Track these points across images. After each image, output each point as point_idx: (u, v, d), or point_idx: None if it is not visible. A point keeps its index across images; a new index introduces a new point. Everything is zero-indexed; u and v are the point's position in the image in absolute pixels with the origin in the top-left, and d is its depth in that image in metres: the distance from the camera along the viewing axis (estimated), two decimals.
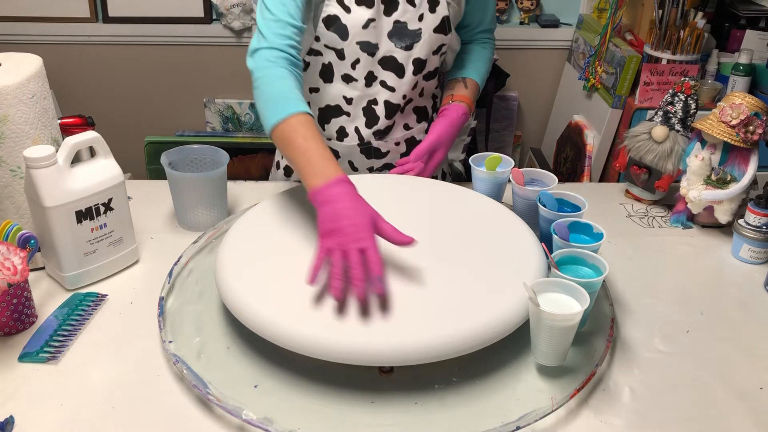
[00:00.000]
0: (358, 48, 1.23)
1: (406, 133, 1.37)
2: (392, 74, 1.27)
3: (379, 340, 0.83)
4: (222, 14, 2.38)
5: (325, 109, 1.33)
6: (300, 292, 0.91)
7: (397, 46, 1.24)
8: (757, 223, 1.18)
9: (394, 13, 1.23)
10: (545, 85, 2.58)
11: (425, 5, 1.24)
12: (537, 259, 0.99)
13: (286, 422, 0.82)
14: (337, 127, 1.33)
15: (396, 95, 1.29)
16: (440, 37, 1.27)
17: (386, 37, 1.24)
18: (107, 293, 1.07)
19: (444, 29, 1.27)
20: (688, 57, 1.96)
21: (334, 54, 1.25)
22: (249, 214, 1.11)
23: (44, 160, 0.98)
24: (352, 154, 1.36)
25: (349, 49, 1.23)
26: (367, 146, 1.35)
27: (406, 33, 1.24)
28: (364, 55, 1.24)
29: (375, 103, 1.30)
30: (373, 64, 1.26)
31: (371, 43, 1.23)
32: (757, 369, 0.95)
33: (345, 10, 1.20)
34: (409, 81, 1.28)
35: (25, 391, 0.88)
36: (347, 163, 1.38)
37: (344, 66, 1.26)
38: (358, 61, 1.25)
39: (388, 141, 1.36)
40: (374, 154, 1.37)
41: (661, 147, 1.31)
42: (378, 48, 1.24)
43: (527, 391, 0.88)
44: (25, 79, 1.01)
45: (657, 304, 1.08)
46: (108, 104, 2.56)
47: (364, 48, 1.23)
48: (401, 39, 1.24)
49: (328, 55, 1.26)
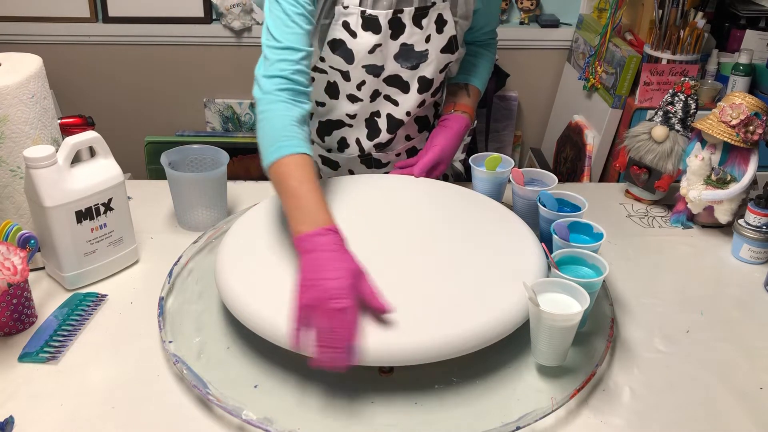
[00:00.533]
0: (363, 71, 1.21)
1: (407, 144, 1.36)
2: (396, 90, 1.25)
3: (379, 340, 0.83)
4: (222, 14, 2.38)
5: (327, 123, 1.31)
6: None
7: (403, 67, 1.22)
8: (757, 223, 1.18)
9: (400, 37, 1.19)
10: (545, 85, 2.58)
11: (432, 27, 1.20)
12: (537, 259, 0.99)
13: (286, 422, 0.82)
14: (339, 138, 1.32)
15: (400, 110, 1.27)
16: (447, 57, 1.25)
17: (392, 59, 1.21)
18: (107, 293, 1.07)
19: (451, 49, 1.24)
20: (688, 57, 1.96)
21: (339, 75, 1.23)
22: (249, 214, 1.11)
23: (44, 160, 0.98)
24: (352, 164, 1.36)
25: (355, 73, 1.21)
26: (368, 157, 1.34)
27: (412, 54, 1.21)
28: (370, 77, 1.22)
29: (378, 116, 1.28)
30: (378, 83, 1.24)
31: (377, 65, 1.21)
32: (757, 369, 0.95)
33: (351, 35, 1.16)
34: (414, 98, 1.26)
35: (25, 391, 0.88)
36: (347, 172, 1.37)
37: (350, 87, 1.24)
38: (364, 82, 1.23)
39: (388, 153, 1.35)
40: (374, 165, 1.36)
41: (661, 147, 1.31)
42: (383, 69, 1.22)
43: (527, 391, 0.88)
44: (25, 79, 1.01)
45: (657, 304, 1.08)
46: (108, 104, 2.56)
47: (369, 71, 1.21)
48: (407, 60, 1.22)
49: (333, 74, 1.24)
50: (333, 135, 1.32)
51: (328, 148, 1.35)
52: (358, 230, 1.06)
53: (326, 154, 1.36)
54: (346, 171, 1.37)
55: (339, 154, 1.34)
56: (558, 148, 2.43)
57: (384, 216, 1.11)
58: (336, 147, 1.33)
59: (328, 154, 1.36)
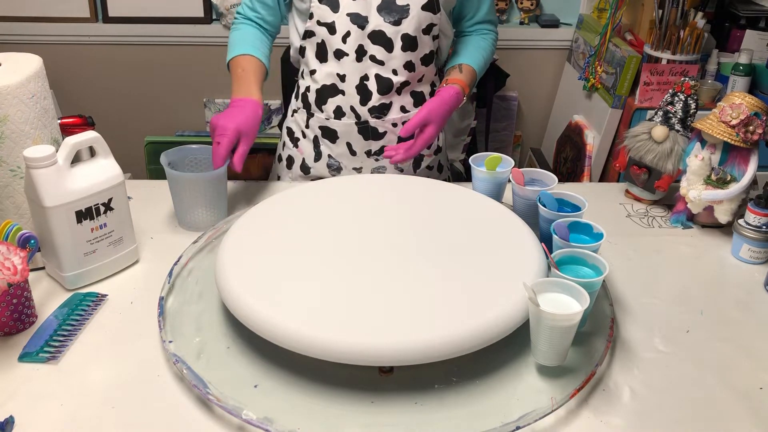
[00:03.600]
0: (348, 20, 1.29)
1: (403, 116, 1.39)
2: (381, 49, 1.32)
3: (379, 340, 0.83)
4: (222, 14, 2.38)
5: (322, 90, 1.38)
6: (300, 292, 0.91)
7: (385, 21, 1.30)
8: (757, 223, 1.18)
9: None
10: (545, 85, 2.58)
11: None
12: (537, 259, 0.99)
13: (286, 422, 0.82)
14: (334, 107, 1.38)
15: (386, 69, 1.33)
16: (429, 16, 1.32)
17: (375, 10, 1.29)
18: (107, 293, 1.07)
19: (432, 8, 1.31)
20: (688, 57, 1.97)
21: (325, 30, 1.31)
22: (249, 214, 1.11)
23: (44, 160, 0.98)
24: (350, 134, 1.39)
25: (340, 21, 1.30)
26: (364, 125, 1.38)
27: (394, 8, 1.30)
28: (354, 28, 1.30)
29: (366, 79, 1.34)
30: (362, 38, 1.31)
31: (360, 15, 1.29)
32: (757, 369, 0.95)
33: None
34: (399, 56, 1.33)
35: (25, 391, 0.88)
36: (345, 145, 1.41)
37: (336, 41, 1.31)
38: (349, 33, 1.31)
39: (385, 121, 1.38)
40: (372, 135, 1.39)
41: (661, 147, 1.31)
42: (368, 21, 1.30)
43: (527, 391, 0.88)
44: (25, 79, 1.01)
45: (657, 304, 1.08)
46: (108, 104, 2.56)
47: (354, 20, 1.29)
48: (389, 14, 1.30)
49: (320, 32, 1.32)
50: (329, 103, 1.38)
51: (327, 117, 1.40)
52: (359, 230, 1.06)
53: (325, 123, 1.41)
54: (344, 142, 1.40)
55: (337, 121, 1.39)
56: (558, 148, 2.43)
57: (384, 216, 1.11)
58: (333, 115, 1.39)
59: (326, 122, 1.40)
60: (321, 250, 1.01)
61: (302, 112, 1.43)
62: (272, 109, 2.56)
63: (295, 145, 1.47)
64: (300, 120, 1.45)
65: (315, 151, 1.44)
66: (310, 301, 0.90)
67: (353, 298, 0.91)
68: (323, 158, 1.43)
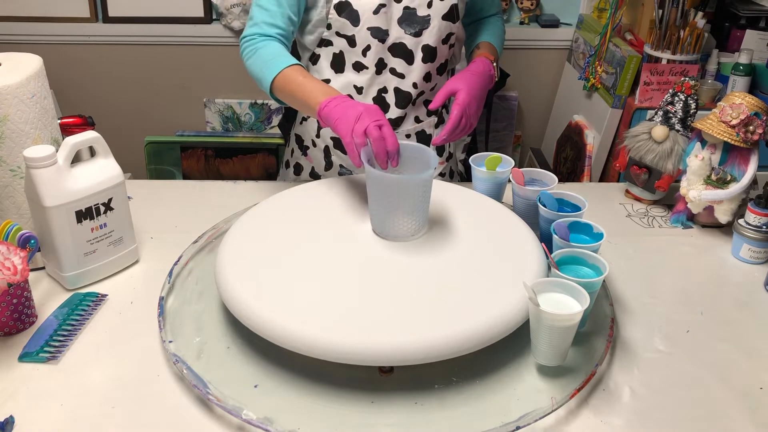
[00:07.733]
0: (369, 34, 1.25)
1: (416, 126, 1.37)
2: (402, 61, 1.29)
3: (379, 340, 0.84)
4: (222, 14, 2.38)
5: None
6: (300, 292, 0.91)
7: (406, 33, 1.27)
8: (757, 223, 1.18)
9: (403, 0, 1.25)
10: (545, 85, 2.58)
11: None
12: (537, 259, 0.99)
13: (286, 422, 0.82)
14: None
15: (406, 82, 1.31)
16: (449, 25, 1.29)
17: (396, 23, 1.26)
18: (107, 293, 1.07)
19: (452, 17, 1.29)
20: (688, 57, 1.96)
21: (345, 42, 1.27)
22: (249, 214, 1.11)
23: (44, 160, 0.98)
24: None
25: (360, 35, 1.26)
26: None
27: (415, 19, 1.26)
28: (375, 42, 1.26)
29: (385, 92, 1.32)
30: (383, 51, 1.28)
31: (381, 29, 1.25)
32: (757, 369, 0.95)
33: None
34: (419, 68, 1.30)
35: (25, 391, 0.88)
36: None
37: (355, 54, 1.28)
38: (369, 47, 1.27)
39: (399, 132, 1.36)
40: None
41: (661, 147, 1.31)
42: (388, 35, 1.26)
43: (527, 391, 0.88)
44: (25, 79, 1.01)
45: (657, 304, 1.08)
46: (108, 104, 2.56)
47: (374, 34, 1.26)
48: (410, 25, 1.27)
49: (338, 43, 1.28)
50: None
51: None
52: (359, 230, 1.06)
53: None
54: None
55: None
56: (558, 148, 2.43)
57: None
58: None
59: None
60: (321, 250, 1.01)
61: (312, 121, 1.40)
62: (272, 109, 2.56)
63: (304, 153, 1.44)
64: (310, 128, 1.41)
65: (326, 161, 1.41)
66: (310, 301, 0.90)
67: (353, 298, 0.91)
68: (334, 167, 1.41)
